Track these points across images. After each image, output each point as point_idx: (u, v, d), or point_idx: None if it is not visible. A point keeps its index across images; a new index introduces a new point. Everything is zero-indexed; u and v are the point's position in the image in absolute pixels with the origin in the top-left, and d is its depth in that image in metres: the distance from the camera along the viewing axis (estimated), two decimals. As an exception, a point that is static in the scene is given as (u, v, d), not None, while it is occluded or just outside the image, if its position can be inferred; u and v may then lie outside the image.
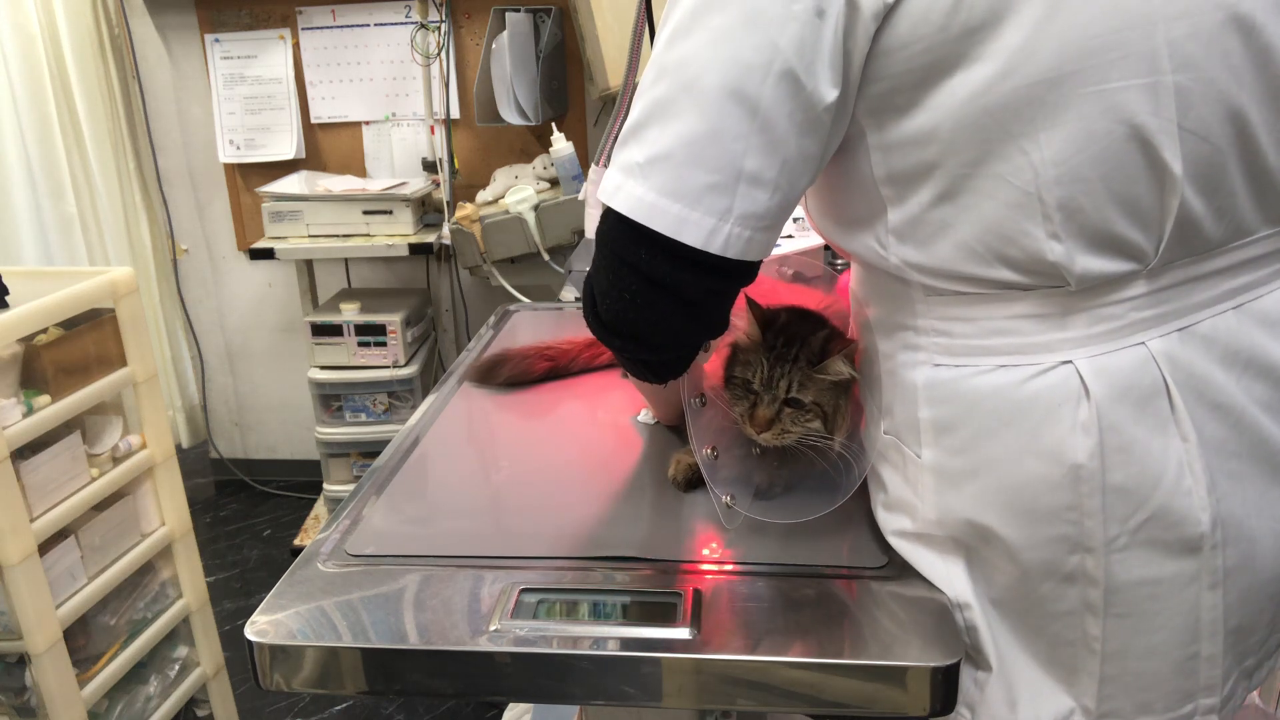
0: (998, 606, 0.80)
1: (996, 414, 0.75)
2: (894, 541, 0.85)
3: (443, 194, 2.76)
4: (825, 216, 0.85)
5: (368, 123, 2.85)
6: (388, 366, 2.66)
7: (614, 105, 1.66)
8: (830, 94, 0.69)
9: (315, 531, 2.22)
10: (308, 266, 2.79)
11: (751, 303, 0.91)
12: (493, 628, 0.75)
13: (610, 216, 0.74)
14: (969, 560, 0.80)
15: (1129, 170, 0.68)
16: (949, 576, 0.81)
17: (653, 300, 0.74)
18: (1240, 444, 0.76)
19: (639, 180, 0.71)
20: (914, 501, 0.81)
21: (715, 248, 0.70)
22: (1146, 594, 0.75)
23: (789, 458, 0.91)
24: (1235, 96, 0.68)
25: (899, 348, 0.81)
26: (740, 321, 0.92)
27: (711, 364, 0.95)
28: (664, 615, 0.77)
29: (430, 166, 2.82)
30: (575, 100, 2.75)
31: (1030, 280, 0.72)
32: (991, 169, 0.69)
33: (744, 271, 0.75)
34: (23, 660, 1.53)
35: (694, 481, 0.97)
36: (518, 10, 2.43)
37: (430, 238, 2.62)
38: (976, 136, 0.68)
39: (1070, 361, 0.73)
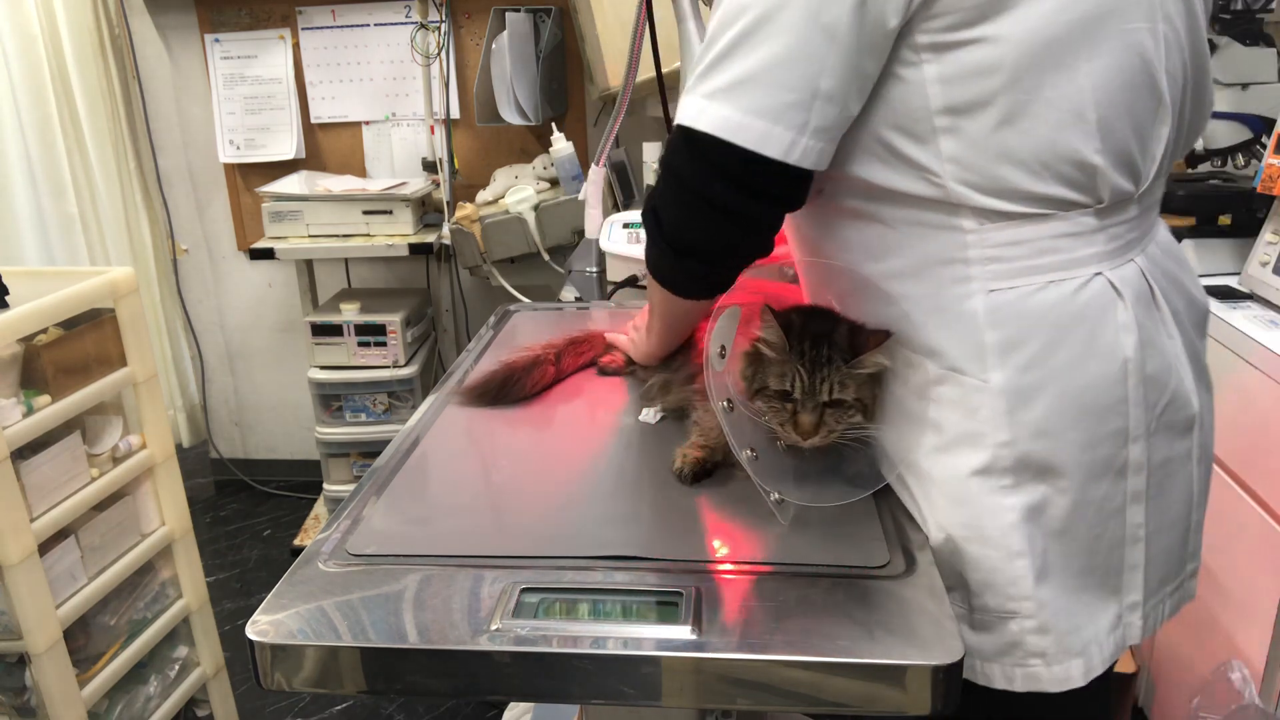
0: (1058, 539, 0.85)
1: (1059, 325, 0.83)
2: (950, 489, 0.86)
3: (443, 194, 2.76)
4: (867, 161, 0.85)
5: (368, 123, 2.85)
6: (388, 366, 2.67)
7: (614, 105, 1.65)
8: (893, 21, 0.77)
9: (315, 531, 2.22)
10: (308, 266, 2.79)
11: (773, 311, 0.90)
12: (493, 627, 0.75)
13: (683, 147, 0.82)
14: (1030, 495, 0.84)
15: (1143, 99, 0.81)
16: (1005, 526, 0.84)
17: (720, 225, 0.83)
18: (1185, 345, 0.91)
19: (724, 102, 0.79)
20: (981, 430, 0.84)
21: (794, 158, 0.79)
22: (1166, 473, 0.88)
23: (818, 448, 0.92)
24: (1185, 50, 0.84)
25: (946, 283, 0.85)
26: (760, 331, 0.91)
27: (728, 371, 0.95)
28: (665, 615, 0.77)
29: (430, 166, 2.82)
30: (575, 100, 2.75)
31: (1076, 196, 0.81)
32: (1046, 94, 0.78)
33: (800, 192, 0.84)
34: (23, 660, 1.53)
35: (699, 474, 0.97)
36: (518, 10, 2.44)
37: (430, 238, 2.62)
38: (1036, 65, 0.77)
39: (1101, 273, 0.84)
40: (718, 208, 0.82)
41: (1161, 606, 0.94)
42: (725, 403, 0.91)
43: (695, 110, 0.80)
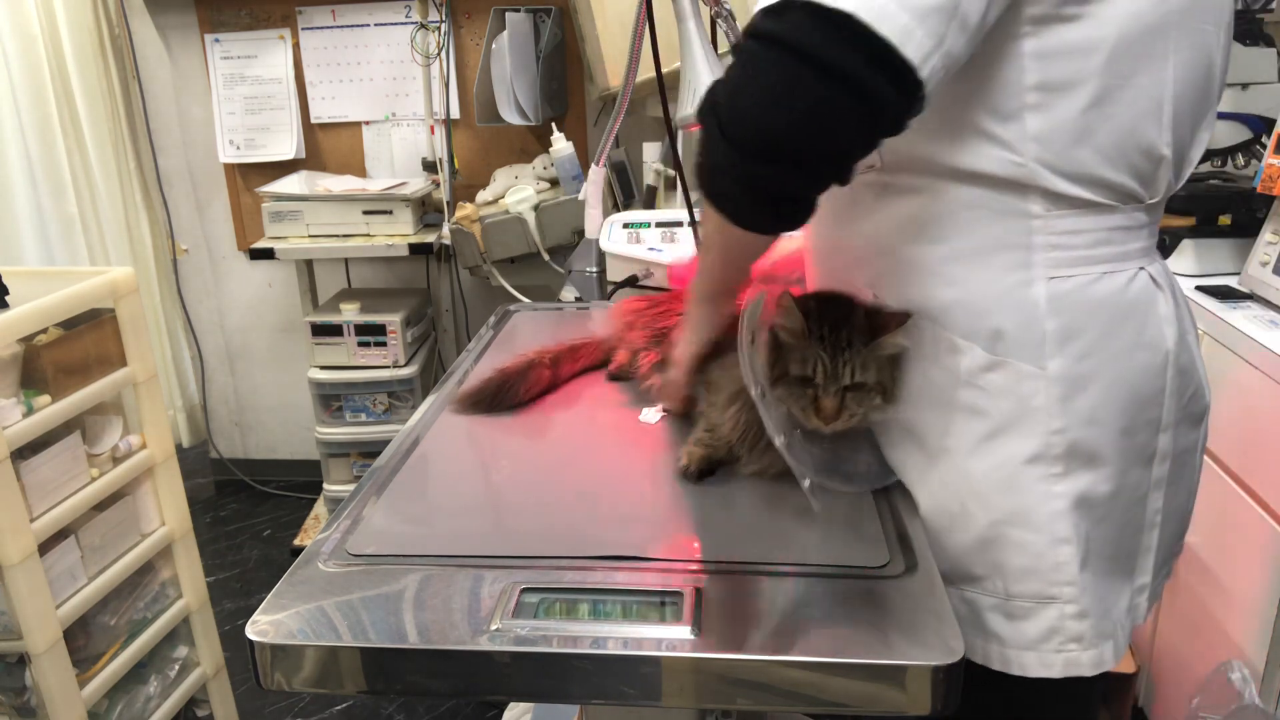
0: (1098, 525, 0.86)
1: (1114, 316, 0.85)
2: (997, 477, 0.86)
3: (443, 194, 2.76)
4: (943, 138, 0.82)
5: (368, 123, 2.85)
6: (388, 366, 2.67)
7: (614, 105, 1.65)
8: None
9: (315, 531, 2.22)
10: (308, 266, 2.79)
11: (792, 296, 0.90)
12: (493, 627, 0.75)
13: (801, 19, 0.68)
14: (1078, 482, 0.85)
15: (1201, 99, 0.84)
16: (1054, 513, 0.85)
17: (833, 104, 0.68)
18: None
19: None
20: (1034, 417, 0.85)
21: (925, 71, 0.69)
22: (1182, 462, 0.91)
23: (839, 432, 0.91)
24: (1225, 60, 0.86)
25: (1006, 269, 0.84)
26: (778, 318, 0.91)
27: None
28: (665, 614, 0.77)
29: (430, 166, 2.82)
30: (575, 100, 2.75)
31: (1136, 188, 0.83)
32: (1136, 81, 0.79)
33: (899, 128, 0.73)
34: (23, 660, 1.53)
35: (704, 472, 0.97)
36: (518, 10, 2.44)
37: (430, 238, 2.62)
38: (1131, 50, 0.78)
39: (1144, 268, 0.87)
40: (833, 70, 0.67)
41: (1157, 588, 0.97)
42: (758, 390, 0.89)
43: None
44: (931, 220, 0.86)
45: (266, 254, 2.61)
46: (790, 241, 1.22)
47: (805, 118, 0.69)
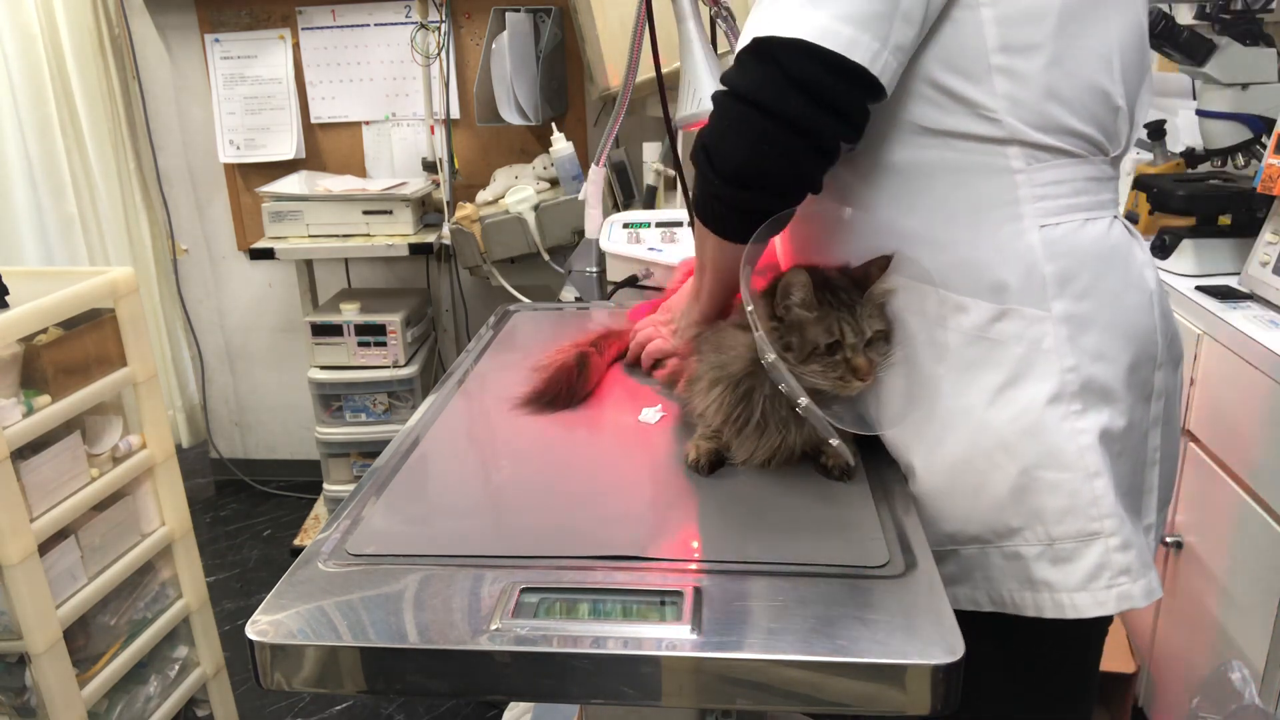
0: (1117, 459, 0.91)
1: (1102, 258, 0.91)
2: (1021, 423, 0.89)
3: (443, 194, 2.77)
4: (918, 104, 0.89)
5: (368, 123, 2.85)
6: (388, 366, 2.67)
7: (614, 105, 1.66)
8: None
9: (315, 531, 2.22)
10: (308, 266, 2.79)
11: (802, 270, 0.92)
12: (493, 627, 0.75)
13: (758, 61, 0.83)
14: (1098, 418, 0.89)
15: (1139, 62, 0.92)
16: (1082, 448, 0.88)
17: (779, 139, 0.83)
18: None
19: (815, 9, 0.81)
20: (1046, 359, 0.89)
21: (877, 69, 0.82)
22: (1171, 402, 0.97)
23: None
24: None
25: (1000, 223, 0.90)
26: (794, 294, 0.92)
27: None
28: (664, 614, 0.77)
29: (430, 166, 2.83)
30: (575, 100, 2.76)
31: (1101, 139, 0.90)
32: (1086, 42, 0.87)
33: (861, 121, 0.85)
34: (23, 660, 1.53)
35: (714, 464, 0.98)
36: (518, 10, 2.44)
37: (430, 238, 2.63)
38: (1078, 14, 0.86)
39: (1117, 217, 0.94)
40: (783, 120, 0.82)
41: (1158, 532, 1.01)
42: (771, 357, 0.91)
43: (788, 18, 0.81)
44: (922, 189, 0.91)
45: (266, 254, 2.61)
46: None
47: (764, 153, 0.84)
